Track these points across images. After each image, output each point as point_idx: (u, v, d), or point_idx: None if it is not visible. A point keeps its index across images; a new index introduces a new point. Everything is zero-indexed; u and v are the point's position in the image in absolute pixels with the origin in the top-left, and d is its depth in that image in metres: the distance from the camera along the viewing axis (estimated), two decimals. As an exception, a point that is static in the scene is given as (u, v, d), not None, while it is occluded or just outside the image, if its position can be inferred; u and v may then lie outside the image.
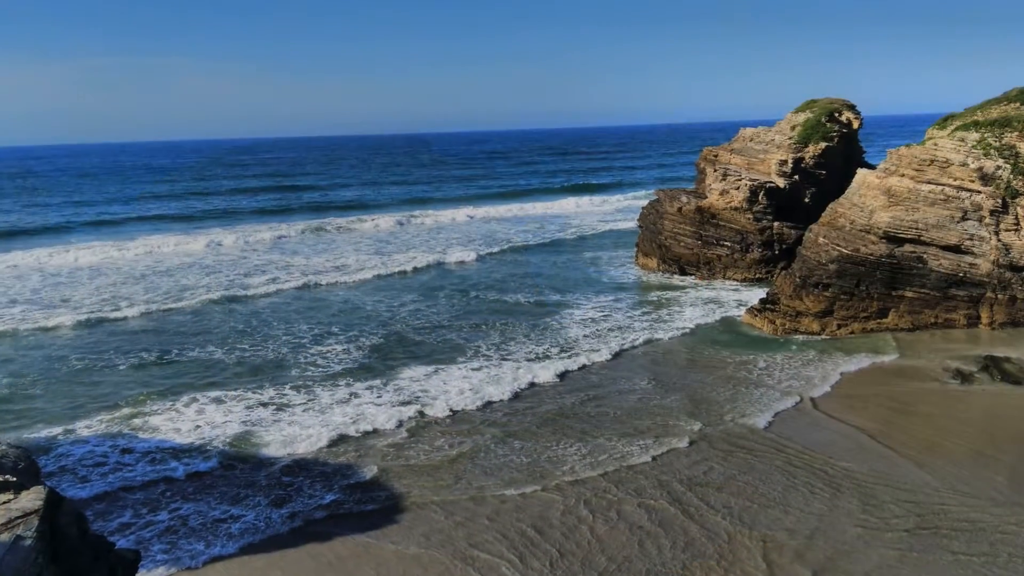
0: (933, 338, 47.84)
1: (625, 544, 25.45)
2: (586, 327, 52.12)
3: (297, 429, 35.53)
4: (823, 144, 67.58)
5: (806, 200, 66.50)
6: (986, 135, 51.14)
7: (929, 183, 49.64)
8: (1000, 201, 48.29)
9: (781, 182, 66.42)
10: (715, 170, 69.02)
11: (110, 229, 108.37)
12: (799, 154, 67.36)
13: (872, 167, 59.16)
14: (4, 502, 15.51)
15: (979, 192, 48.78)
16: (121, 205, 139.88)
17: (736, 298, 58.66)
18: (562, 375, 42.78)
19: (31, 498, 15.71)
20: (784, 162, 66.91)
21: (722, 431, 34.70)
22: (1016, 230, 48.30)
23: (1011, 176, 48.99)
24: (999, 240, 48.30)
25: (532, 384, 41.41)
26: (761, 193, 64.64)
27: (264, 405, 38.78)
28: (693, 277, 66.36)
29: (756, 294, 57.47)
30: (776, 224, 64.60)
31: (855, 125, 70.80)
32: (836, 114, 70.48)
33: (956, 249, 48.75)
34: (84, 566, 16.43)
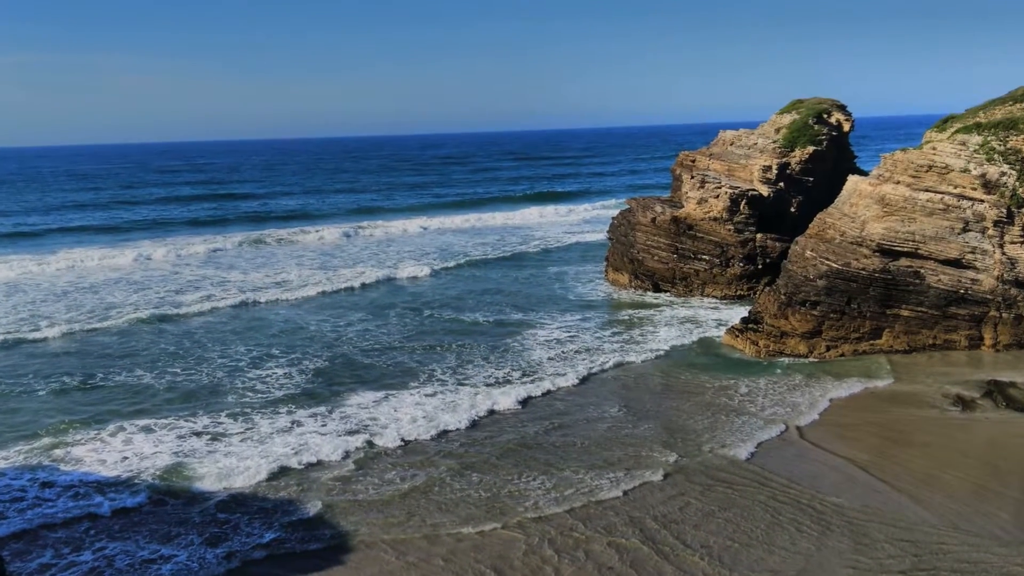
0: (931, 361, 48.20)
1: (595, 587, 25.38)
2: (551, 349, 52.11)
3: (234, 461, 35.21)
4: (811, 148, 68.09)
5: (792, 210, 66.95)
6: (989, 138, 51.51)
7: (927, 191, 49.95)
8: (1005, 211, 48.60)
9: (765, 190, 66.81)
10: (692, 177, 69.34)
11: (28, 242, 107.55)
12: (784, 159, 67.79)
13: (864, 173, 59.57)
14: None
15: (982, 201, 49.06)
16: (40, 215, 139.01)
17: (715, 317, 58.91)
18: (524, 401, 42.73)
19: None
20: (768, 168, 67.30)
21: (700, 463, 34.71)
22: (1022, 243, 48.61)
23: (1017, 183, 49.32)
24: (1004, 253, 48.56)
25: (492, 411, 41.32)
26: (743, 202, 64.99)
27: (198, 434, 38.42)
28: (668, 294, 66.50)
29: (737, 312, 57.77)
30: (759, 236, 64.93)
31: (846, 127, 71.42)
32: (825, 115, 71.09)
33: (956, 263, 49.01)
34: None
